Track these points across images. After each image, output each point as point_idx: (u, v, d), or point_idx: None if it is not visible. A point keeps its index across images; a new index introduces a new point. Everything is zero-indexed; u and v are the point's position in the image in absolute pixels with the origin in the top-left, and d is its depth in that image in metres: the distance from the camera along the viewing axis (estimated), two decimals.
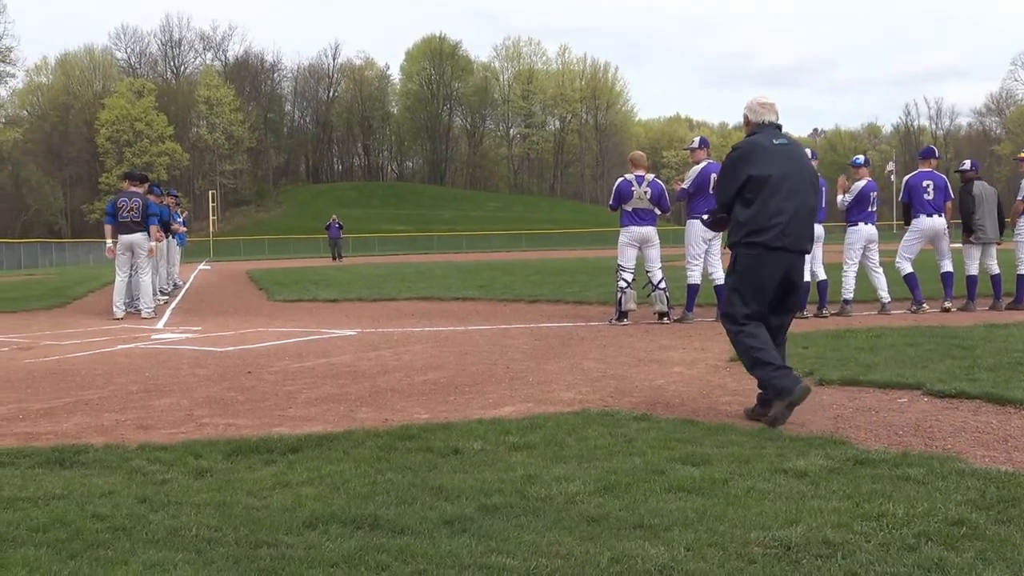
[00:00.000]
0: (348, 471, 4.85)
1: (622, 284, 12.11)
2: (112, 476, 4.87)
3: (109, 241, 14.70)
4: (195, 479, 4.79)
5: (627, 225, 12.26)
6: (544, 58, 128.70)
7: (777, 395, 6.07)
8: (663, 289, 12.18)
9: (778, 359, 6.23)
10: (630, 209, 12.21)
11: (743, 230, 6.35)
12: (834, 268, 13.28)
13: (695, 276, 12.27)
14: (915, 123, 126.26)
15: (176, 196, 23.22)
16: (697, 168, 12.26)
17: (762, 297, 6.35)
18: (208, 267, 40.55)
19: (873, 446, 5.29)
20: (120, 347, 10.83)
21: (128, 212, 14.63)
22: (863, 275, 13.07)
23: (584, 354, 9.44)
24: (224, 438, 5.70)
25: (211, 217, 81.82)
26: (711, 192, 11.99)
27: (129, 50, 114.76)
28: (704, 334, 10.86)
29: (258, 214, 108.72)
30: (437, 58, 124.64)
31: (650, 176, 12.32)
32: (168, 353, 10.17)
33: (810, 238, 6.50)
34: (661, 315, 12.18)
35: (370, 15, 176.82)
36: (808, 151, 8.95)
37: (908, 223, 13.24)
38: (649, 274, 12.30)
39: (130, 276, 14.87)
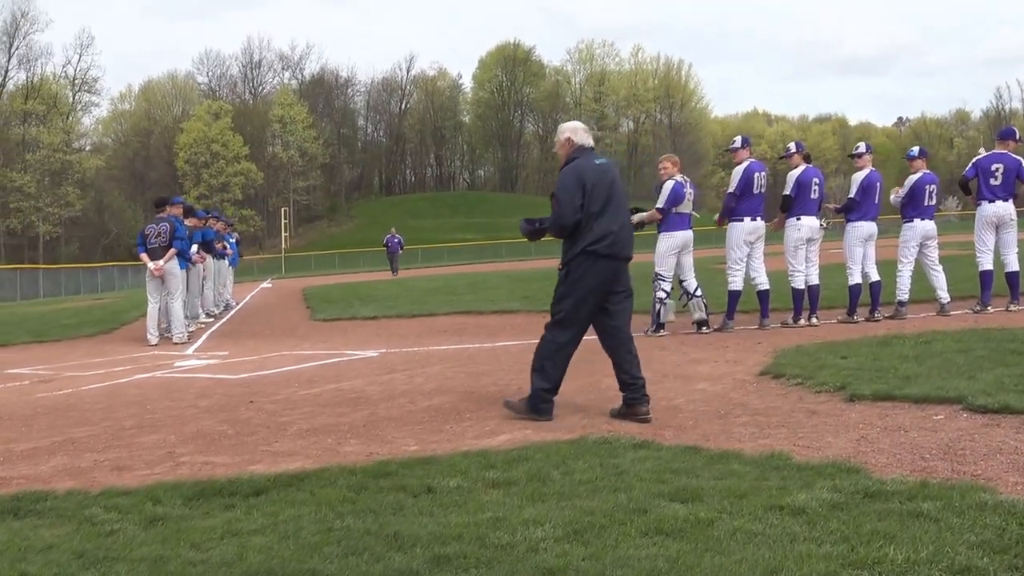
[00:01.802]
0: (307, 516, 4.51)
1: (661, 294, 11.56)
2: (62, 527, 4.58)
3: (150, 264, 14.54)
4: (144, 529, 4.48)
5: (674, 230, 11.68)
6: (617, 59, 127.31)
7: (530, 408, 6.87)
8: (700, 296, 11.59)
9: (557, 386, 6.99)
10: (677, 212, 11.66)
11: (581, 243, 6.86)
12: (890, 266, 12.52)
13: (737, 282, 11.68)
14: (1007, 107, 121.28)
15: (224, 219, 23.16)
16: (740, 168, 11.69)
17: (592, 302, 6.95)
18: (270, 285, 40.60)
19: (891, 474, 4.75)
20: (137, 377, 10.62)
21: (156, 237, 14.56)
22: (922, 274, 12.33)
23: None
24: (192, 480, 5.38)
25: (283, 234, 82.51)
26: (756, 192, 11.45)
27: (211, 74, 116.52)
28: (741, 344, 10.28)
29: (330, 229, 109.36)
30: (510, 65, 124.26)
31: (684, 179, 11.78)
32: (180, 383, 9.91)
33: (632, 245, 7.13)
34: (700, 324, 11.59)
35: (445, 25, 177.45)
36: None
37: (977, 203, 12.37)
38: (684, 283, 11.72)
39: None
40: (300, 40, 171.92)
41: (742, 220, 11.62)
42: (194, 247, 16.70)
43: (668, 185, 11.68)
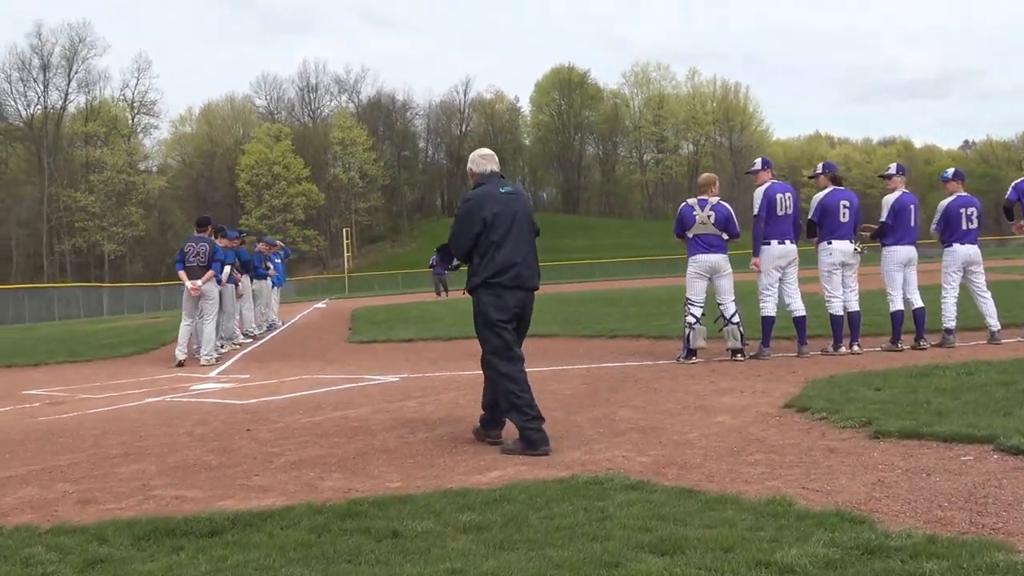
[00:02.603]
0: (254, 562, 4.16)
1: (690, 320, 11.04)
2: None
3: (188, 283, 14.37)
4: (80, 572, 4.18)
5: (694, 254, 11.19)
6: (673, 82, 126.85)
7: (525, 445, 6.50)
8: (736, 323, 11.05)
9: (537, 409, 6.69)
10: (692, 236, 11.17)
11: (483, 274, 6.77)
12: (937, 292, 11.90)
13: (769, 308, 11.15)
14: None
15: (268, 239, 23.02)
16: (760, 191, 11.21)
17: (509, 323, 6.82)
18: (324, 305, 40.57)
19: (901, 525, 4.27)
20: (148, 400, 10.38)
21: (195, 257, 14.43)
22: (970, 300, 11.72)
23: (627, 400, 8.49)
24: (148, 517, 5.02)
25: (346, 254, 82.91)
26: (781, 214, 10.94)
27: (268, 97, 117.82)
28: (774, 373, 9.76)
29: (393, 249, 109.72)
30: (566, 88, 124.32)
31: (714, 199, 11.22)
32: (185, 408, 9.62)
33: (538, 276, 7.06)
34: (734, 352, 11.06)
35: (499, 50, 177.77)
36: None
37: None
38: (721, 307, 11.17)
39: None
40: (355, 64, 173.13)
41: (769, 244, 11.11)
42: (226, 269, 16.50)
43: (679, 208, 11.38)
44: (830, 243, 11.18)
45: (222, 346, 16.38)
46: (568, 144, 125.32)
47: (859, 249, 11.29)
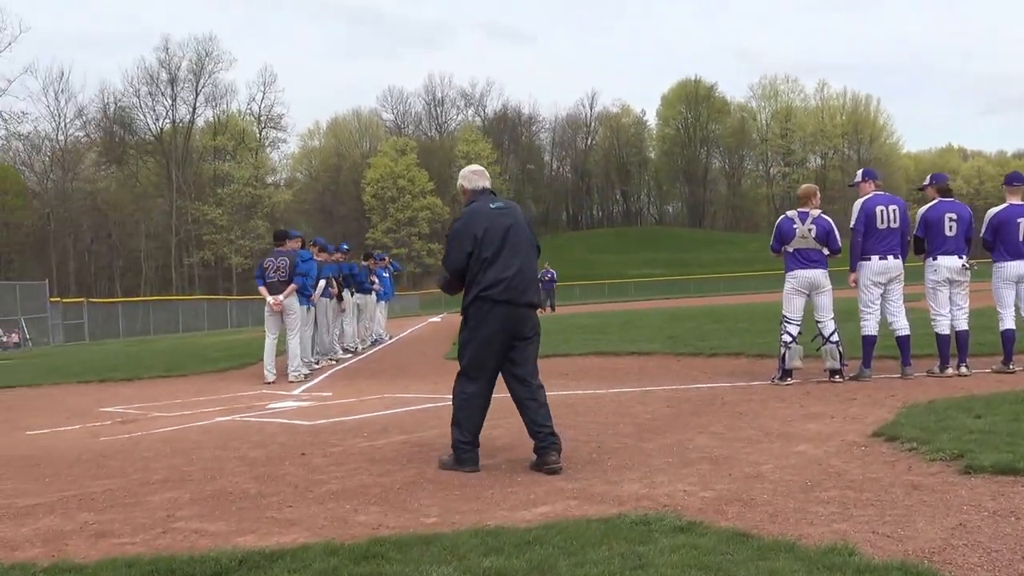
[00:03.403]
0: None
1: (786, 338, 10.43)
2: None
3: (269, 298, 14.24)
4: None
5: (792, 269, 10.58)
6: (802, 95, 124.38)
7: (455, 461, 6.74)
8: (835, 343, 10.38)
9: (475, 437, 6.86)
10: (791, 250, 10.57)
11: (475, 290, 6.75)
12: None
13: (869, 326, 10.46)
14: None
15: (376, 255, 23.02)
16: (858, 203, 10.55)
17: (494, 348, 6.80)
18: (439, 319, 40.52)
19: None
20: (218, 419, 10.21)
21: (275, 272, 14.21)
22: None
23: (707, 425, 7.98)
24: (152, 556, 4.72)
25: None
26: (881, 228, 10.27)
27: (395, 110, 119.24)
28: (872, 396, 9.11)
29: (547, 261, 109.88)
30: (692, 101, 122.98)
31: (815, 212, 10.60)
32: (248, 429, 9.41)
33: (535, 291, 6.98)
34: (832, 373, 10.40)
35: (626, 63, 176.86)
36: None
37: None
38: (819, 325, 10.51)
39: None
40: (480, 78, 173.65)
41: (869, 259, 10.43)
42: (321, 282, 16.40)
43: (777, 221, 10.79)
44: (935, 259, 10.45)
45: (317, 362, 16.25)
46: (694, 157, 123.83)
47: (968, 265, 10.50)
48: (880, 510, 4.99)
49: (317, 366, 15.98)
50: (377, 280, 21.69)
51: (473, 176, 7.17)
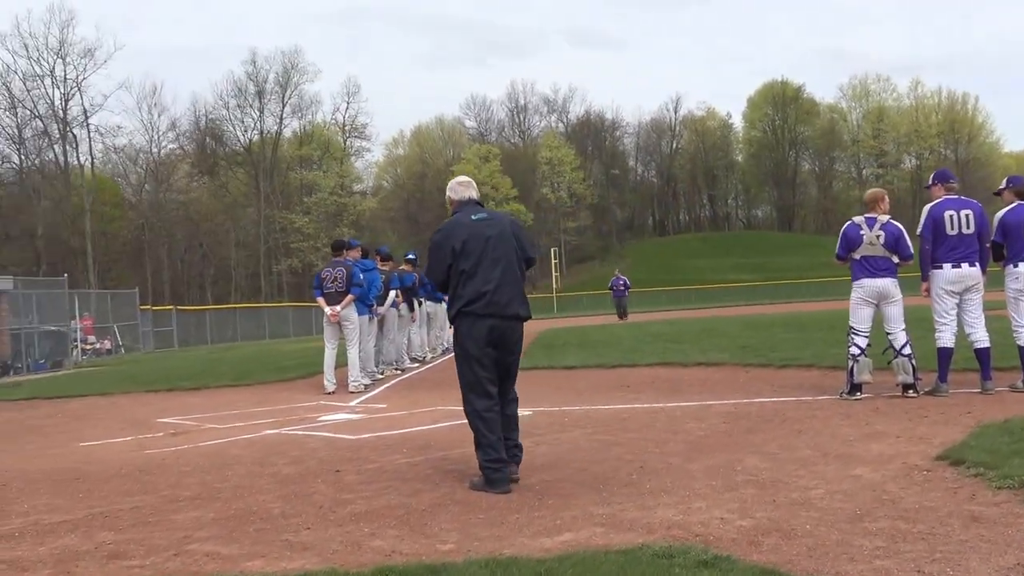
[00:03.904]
0: None
1: (854, 351, 9.88)
2: None
3: (327, 309, 14.08)
4: None
5: (859, 278, 10.03)
6: (895, 94, 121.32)
7: (486, 481, 6.43)
8: (908, 355, 9.81)
9: (501, 450, 6.51)
10: (858, 258, 10.05)
11: (457, 304, 6.68)
12: None
13: (945, 338, 9.84)
14: None
15: None
16: (926, 208, 9.99)
17: (488, 359, 6.66)
18: None
19: None
20: (266, 432, 10.06)
21: (332, 282, 14.06)
22: None
23: (761, 445, 7.55)
24: None
25: (554, 274, 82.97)
26: (952, 234, 9.70)
27: (478, 118, 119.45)
28: (946, 414, 8.57)
29: (602, 269, 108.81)
30: (780, 103, 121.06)
31: (884, 218, 10.06)
32: (290, 443, 9.23)
33: (521, 302, 6.81)
34: (905, 387, 9.82)
35: (710, 65, 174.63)
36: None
37: None
38: (890, 336, 9.95)
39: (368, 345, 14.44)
40: (563, 83, 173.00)
41: (940, 267, 9.84)
42: (392, 292, 16.23)
43: (843, 227, 10.31)
44: (1016, 266, 9.85)
45: (381, 372, 16.07)
46: (782, 160, 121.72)
47: None
48: (931, 545, 4.58)
49: (380, 376, 15.80)
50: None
51: (459, 187, 7.13)
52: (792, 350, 14.99)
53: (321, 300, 14.19)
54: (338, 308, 13.92)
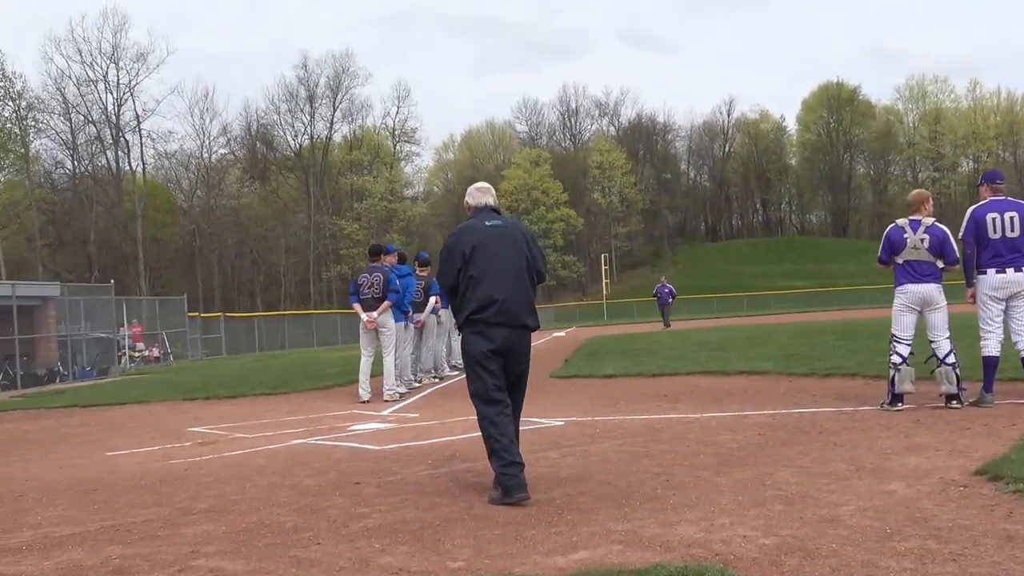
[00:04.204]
0: None
1: (895, 359, 9.56)
2: None
3: (363, 315, 13.96)
4: None
5: (902, 283, 9.72)
6: (952, 95, 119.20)
7: (502, 491, 6.27)
8: (951, 365, 9.48)
9: (516, 454, 6.37)
10: (901, 262, 9.74)
11: (466, 310, 6.58)
12: None
13: (990, 346, 9.50)
14: None
15: None
16: (969, 211, 9.68)
17: (495, 365, 6.54)
18: (563, 333, 40.05)
19: None
20: (293, 442, 9.95)
21: (369, 288, 13.91)
22: None
23: (794, 458, 7.30)
24: None
25: (604, 280, 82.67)
26: (996, 238, 9.37)
27: (529, 122, 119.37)
28: (989, 426, 8.27)
29: (653, 274, 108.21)
30: (835, 105, 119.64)
31: (929, 220, 9.74)
32: (317, 453, 9.09)
33: (530, 312, 6.69)
34: (949, 398, 9.49)
35: (764, 68, 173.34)
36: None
37: None
38: (933, 345, 9.63)
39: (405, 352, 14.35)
40: (614, 86, 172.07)
41: (985, 273, 9.51)
42: (432, 299, 16.10)
43: (886, 230, 9.94)
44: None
45: (419, 380, 15.94)
46: (837, 163, 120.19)
47: None
48: (961, 567, 4.34)
49: (417, 384, 15.66)
50: None
51: (476, 192, 7.12)
52: (838, 358, 14.67)
53: (357, 306, 14.04)
54: (375, 315, 13.80)
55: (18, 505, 7.18)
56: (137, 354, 34.19)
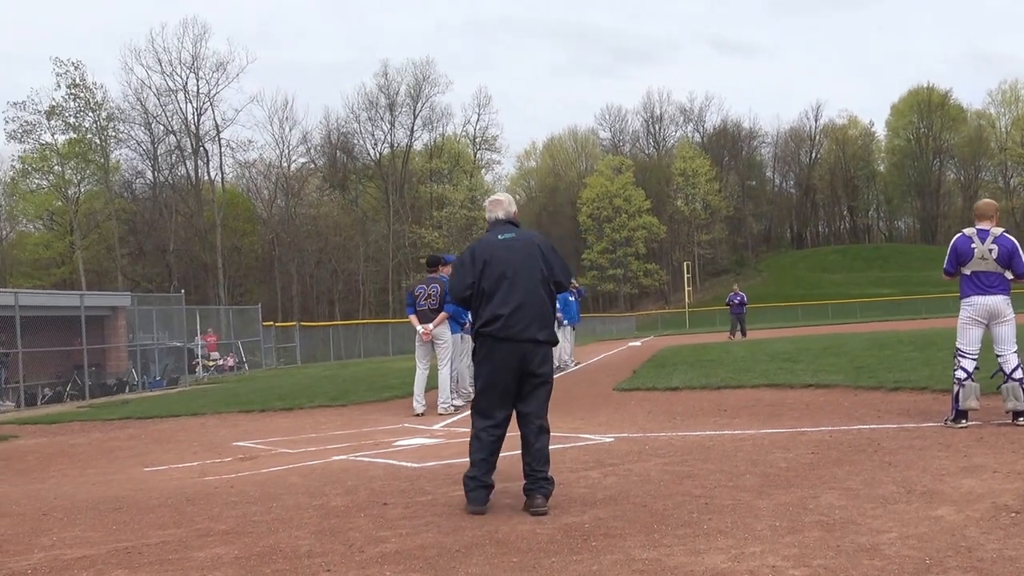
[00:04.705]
0: None
1: (960, 375, 9.11)
2: None
3: (419, 327, 13.80)
4: None
5: (968, 295, 9.26)
6: None
7: (467, 499, 6.55)
8: (1019, 380, 8.99)
9: (483, 474, 6.56)
10: (968, 273, 9.29)
11: (477, 324, 6.65)
12: None
13: None
14: None
15: None
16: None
17: (502, 384, 6.58)
18: (639, 343, 39.53)
19: None
20: (334, 458, 9.78)
21: (426, 299, 13.73)
22: None
23: (843, 479, 6.93)
24: None
25: (687, 288, 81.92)
26: None
27: (612, 128, 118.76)
28: None
29: (737, 283, 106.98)
30: (925, 109, 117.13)
31: (998, 230, 9.28)
32: (353, 471, 8.89)
33: (541, 327, 6.57)
34: (1016, 415, 9.01)
35: (853, 72, 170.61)
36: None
37: None
38: (1000, 359, 9.14)
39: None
40: (699, 92, 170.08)
41: None
42: None
43: (952, 239, 9.46)
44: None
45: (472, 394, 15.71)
46: (926, 169, 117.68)
47: None
48: None
49: (472, 399, 15.39)
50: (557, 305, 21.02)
51: (490, 206, 7.08)
52: (909, 371, 14.13)
53: (413, 318, 13.86)
54: (430, 327, 13.62)
55: (38, 524, 7.03)
56: (211, 363, 34.43)
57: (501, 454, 9.19)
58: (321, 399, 16.64)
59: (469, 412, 7.16)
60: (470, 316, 6.88)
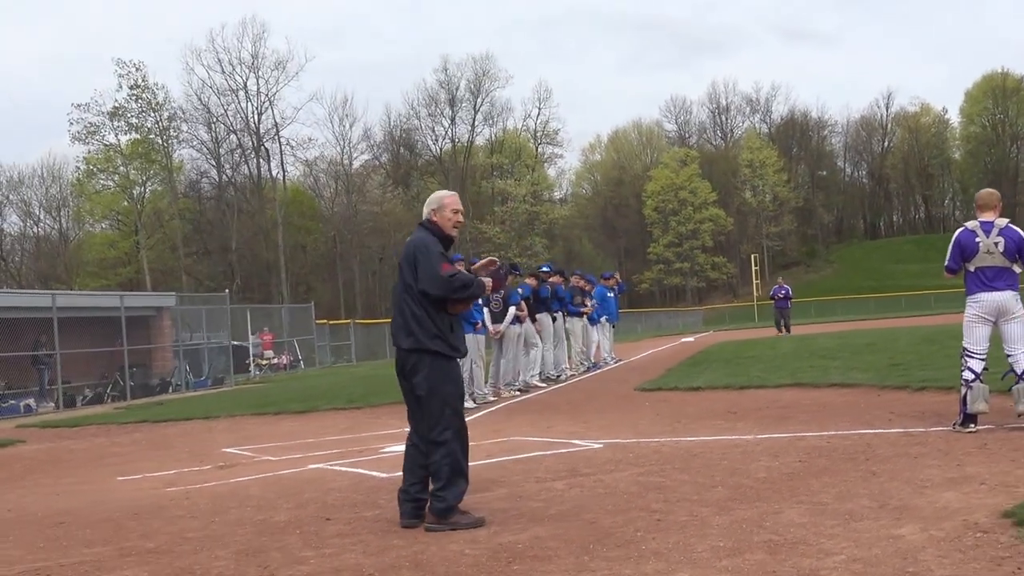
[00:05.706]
0: None
1: (967, 376, 8.56)
2: None
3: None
4: None
5: (974, 292, 8.69)
6: None
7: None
8: None
9: (410, 486, 6.31)
10: (973, 269, 8.73)
11: None
12: None
13: None
14: None
15: (588, 276, 21.80)
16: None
17: (403, 389, 6.47)
18: (692, 339, 38.86)
19: None
20: (311, 467, 9.55)
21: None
22: None
23: (818, 491, 6.48)
24: None
25: (755, 281, 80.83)
26: None
27: (677, 120, 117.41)
28: None
29: (807, 275, 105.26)
30: (1000, 95, 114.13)
31: (1002, 221, 8.72)
32: (318, 481, 8.63)
33: (406, 334, 6.28)
34: None
35: (925, 59, 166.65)
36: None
37: None
38: (1010, 359, 8.58)
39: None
40: (765, 82, 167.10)
41: None
42: (511, 309, 15.56)
43: (955, 234, 8.90)
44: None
45: (495, 395, 15.31)
46: (1003, 156, 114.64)
47: None
48: None
49: (491, 397, 15.03)
50: (592, 301, 20.54)
51: (426, 206, 6.63)
52: (943, 368, 13.49)
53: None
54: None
55: None
56: (265, 362, 34.48)
57: (487, 460, 8.88)
58: (339, 401, 16.41)
59: (479, 412, 6.86)
60: (485, 315, 6.73)
